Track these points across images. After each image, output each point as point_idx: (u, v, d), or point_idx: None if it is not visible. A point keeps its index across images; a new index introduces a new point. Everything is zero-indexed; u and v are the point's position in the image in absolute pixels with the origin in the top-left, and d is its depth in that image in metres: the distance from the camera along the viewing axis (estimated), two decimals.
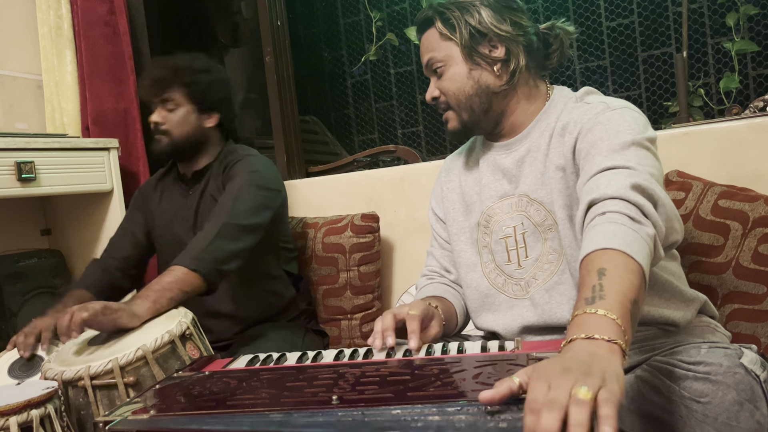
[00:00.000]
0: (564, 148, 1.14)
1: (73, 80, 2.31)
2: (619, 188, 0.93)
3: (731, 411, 0.87)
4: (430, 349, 0.98)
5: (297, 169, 2.41)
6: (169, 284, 1.37)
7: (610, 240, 0.85)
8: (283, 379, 0.89)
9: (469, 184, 1.30)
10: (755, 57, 2.20)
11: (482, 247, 1.25)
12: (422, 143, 2.81)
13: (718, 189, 1.43)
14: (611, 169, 0.98)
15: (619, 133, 1.04)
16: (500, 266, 1.23)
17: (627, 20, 2.39)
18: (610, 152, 1.01)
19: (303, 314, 1.84)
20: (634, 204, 0.91)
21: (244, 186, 1.61)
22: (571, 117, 1.15)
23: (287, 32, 2.42)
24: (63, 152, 2.02)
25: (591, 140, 1.07)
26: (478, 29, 1.18)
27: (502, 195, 1.23)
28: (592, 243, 0.87)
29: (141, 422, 0.78)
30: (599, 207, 0.93)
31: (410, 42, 2.67)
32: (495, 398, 0.66)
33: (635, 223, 0.89)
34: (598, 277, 0.80)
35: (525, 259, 1.19)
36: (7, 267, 2.15)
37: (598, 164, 1.00)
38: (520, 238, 1.19)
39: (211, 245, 1.46)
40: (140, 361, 1.17)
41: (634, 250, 0.83)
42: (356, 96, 2.97)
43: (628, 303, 0.77)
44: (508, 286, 1.22)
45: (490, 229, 1.24)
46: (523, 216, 1.19)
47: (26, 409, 1.02)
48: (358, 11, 2.88)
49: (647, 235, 0.88)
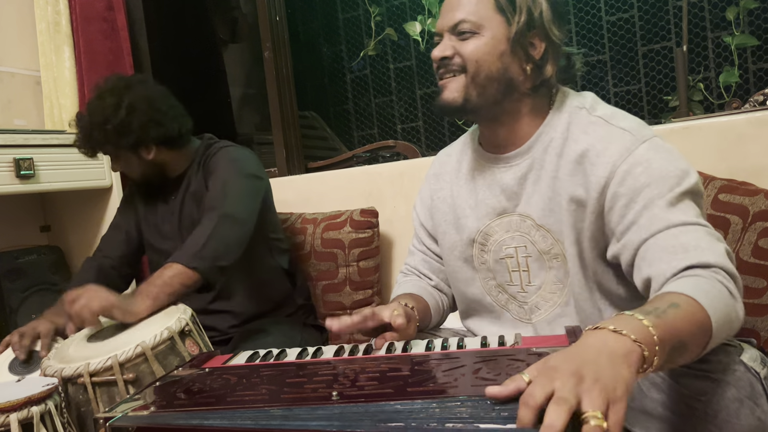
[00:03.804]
0: (586, 182, 1.04)
1: (72, 76, 2.31)
2: (718, 256, 0.88)
3: (731, 408, 0.87)
4: (430, 344, 0.98)
5: (296, 165, 2.41)
6: (170, 279, 1.38)
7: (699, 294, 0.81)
8: (283, 375, 0.89)
9: (462, 195, 1.21)
10: (755, 51, 2.20)
11: (479, 263, 1.20)
12: (422, 138, 2.81)
13: (718, 183, 1.43)
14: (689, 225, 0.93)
15: (667, 180, 0.97)
16: (502, 285, 1.18)
17: (627, 14, 2.38)
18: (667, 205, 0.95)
19: (301, 309, 1.84)
20: (731, 277, 0.87)
21: (229, 177, 1.60)
22: (589, 142, 1.05)
23: (286, 27, 2.42)
24: (62, 148, 2.02)
25: (634, 187, 0.98)
26: (535, 20, 1.07)
27: (500, 212, 1.15)
28: (682, 287, 0.83)
29: (141, 418, 0.78)
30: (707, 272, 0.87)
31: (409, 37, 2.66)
32: (502, 395, 0.65)
33: (732, 298, 0.86)
34: (667, 306, 0.77)
35: (528, 284, 1.14)
36: (6, 263, 2.15)
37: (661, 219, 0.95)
38: (523, 261, 1.13)
39: (209, 241, 1.45)
40: (139, 358, 1.18)
41: (716, 314, 0.80)
42: (355, 91, 2.96)
43: (677, 338, 0.75)
44: (512, 306, 1.18)
45: (488, 247, 1.17)
46: (526, 239, 1.12)
47: (27, 405, 1.02)
48: (356, 6, 2.87)
49: (737, 316, 0.85)
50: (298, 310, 1.83)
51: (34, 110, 2.36)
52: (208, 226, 1.48)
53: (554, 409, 0.59)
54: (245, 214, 1.56)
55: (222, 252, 1.47)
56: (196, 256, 1.42)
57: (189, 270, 1.40)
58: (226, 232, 1.49)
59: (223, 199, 1.54)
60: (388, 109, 2.88)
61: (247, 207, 1.58)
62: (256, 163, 1.71)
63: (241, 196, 1.57)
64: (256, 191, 1.65)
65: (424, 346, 0.97)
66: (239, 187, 1.59)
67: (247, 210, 1.57)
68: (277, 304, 1.78)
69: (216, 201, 1.54)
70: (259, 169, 1.72)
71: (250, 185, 1.63)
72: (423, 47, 2.59)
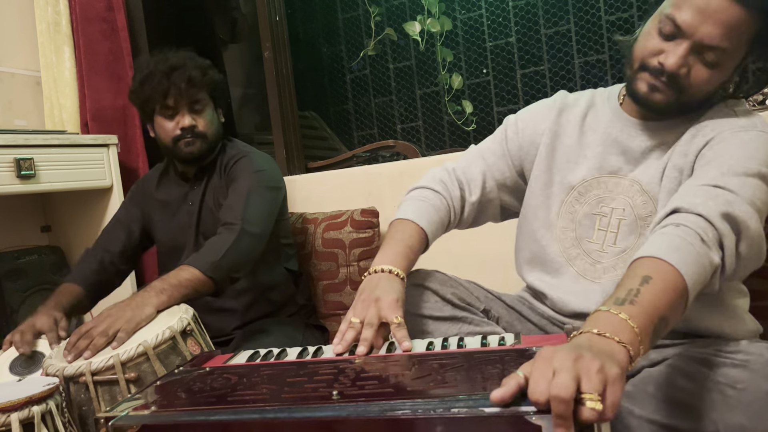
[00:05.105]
0: (689, 149, 1.05)
1: (72, 77, 2.31)
2: (709, 209, 0.88)
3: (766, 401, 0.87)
4: (430, 344, 0.98)
5: (296, 165, 2.41)
6: (186, 281, 1.40)
7: (671, 254, 0.82)
8: (283, 374, 0.89)
9: (582, 143, 1.18)
10: None
11: (567, 212, 1.17)
12: (421, 138, 2.81)
13: None
14: (717, 187, 0.92)
15: (751, 159, 0.96)
16: (579, 239, 1.15)
17: (626, 14, 2.39)
18: (729, 172, 0.94)
19: (302, 309, 1.84)
20: (716, 229, 0.87)
21: (252, 189, 1.62)
22: (710, 121, 1.05)
23: (286, 28, 2.42)
24: (62, 149, 2.02)
25: (719, 151, 0.99)
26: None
27: (613, 171, 1.13)
28: (652, 248, 0.85)
29: (142, 418, 0.78)
30: (680, 218, 0.89)
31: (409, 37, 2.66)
32: (506, 396, 0.65)
33: (705, 246, 0.85)
34: (640, 283, 0.79)
35: (612, 246, 1.12)
36: (7, 264, 2.15)
37: (710, 177, 0.94)
38: (615, 223, 1.12)
39: (227, 253, 1.47)
40: (141, 357, 1.18)
41: (689, 271, 0.81)
42: (355, 91, 2.96)
43: (656, 317, 0.76)
44: (581, 262, 1.15)
45: (585, 199, 1.15)
46: (628, 202, 1.11)
47: (27, 405, 1.02)
48: (356, 6, 2.88)
49: (710, 263, 0.85)
50: (299, 311, 1.83)
51: (34, 110, 2.37)
52: (228, 239, 1.50)
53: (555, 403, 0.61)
54: (263, 229, 1.59)
55: (238, 265, 1.51)
56: (214, 266, 1.44)
57: (205, 277, 1.42)
58: (246, 247, 1.52)
59: (244, 211, 1.56)
60: (388, 109, 2.88)
61: (266, 222, 1.62)
62: (277, 173, 1.75)
63: (262, 211, 1.61)
64: (276, 204, 1.69)
65: (424, 345, 0.98)
66: (261, 201, 1.62)
67: (265, 225, 1.61)
68: (280, 305, 1.79)
69: (237, 213, 1.56)
70: (280, 179, 1.76)
71: (271, 198, 1.67)
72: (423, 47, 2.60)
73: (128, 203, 1.84)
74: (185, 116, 1.64)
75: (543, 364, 0.65)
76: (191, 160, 1.69)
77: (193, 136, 1.64)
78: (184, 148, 1.65)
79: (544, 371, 0.64)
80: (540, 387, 0.62)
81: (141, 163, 2.32)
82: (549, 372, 0.63)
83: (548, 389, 0.62)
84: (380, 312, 0.99)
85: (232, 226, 1.53)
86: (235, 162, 1.69)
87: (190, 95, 1.63)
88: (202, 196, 1.71)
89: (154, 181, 1.82)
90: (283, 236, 1.82)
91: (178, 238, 1.73)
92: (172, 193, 1.77)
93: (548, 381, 0.62)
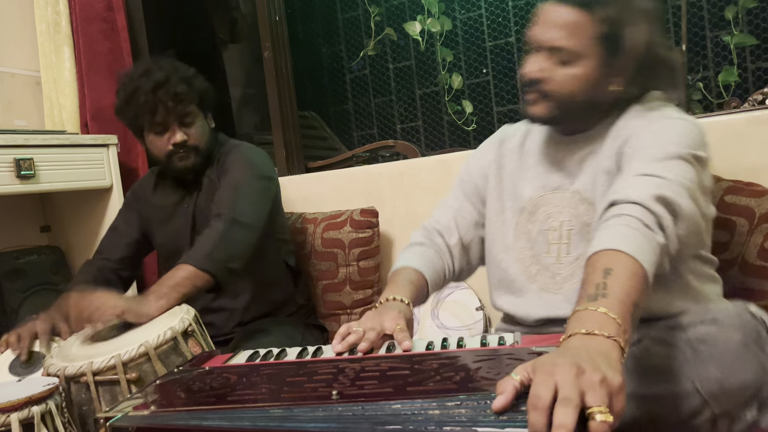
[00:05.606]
0: (612, 151, 1.12)
1: (72, 77, 2.31)
2: (643, 195, 0.92)
3: (737, 352, 0.91)
4: (430, 344, 0.98)
5: (296, 165, 2.41)
6: (182, 280, 1.39)
7: (621, 242, 0.85)
8: (283, 374, 0.89)
9: (523, 166, 1.27)
10: (754, 50, 2.20)
11: (522, 232, 1.23)
12: (421, 138, 2.81)
13: (725, 184, 1.42)
14: (645, 175, 0.97)
15: (665, 143, 1.02)
16: (536, 256, 1.21)
17: None
18: (650, 159, 1.00)
19: (302, 309, 1.84)
20: (652, 213, 0.90)
21: (243, 179, 1.60)
22: (626, 121, 1.13)
23: (285, 27, 2.42)
24: (62, 149, 2.02)
25: (637, 145, 1.05)
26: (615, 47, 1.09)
27: (555, 187, 1.21)
28: (602, 242, 0.87)
29: (142, 418, 0.78)
30: (618, 209, 0.93)
31: (409, 37, 2.67)
32: (507, 404, 0.64)
33: (648, 230, 0.89)
34: (603, 276, 0.81)
35: (566, 256, 1.18)
36: (6, 264, 2.15)
37: (635, 169, 0.99)
38: (565, 234, 1.18)
39: (220, 244, 1.46)
40: (142, 358, 1.18)
41: (642, 255, 0.84)
42: (355, 91, 2.96)
43: (630, 304, 0.78)
44: (540, 277, 1.20)
45: (536, 218, 1.22)
46: (572, 213, 1.17)
47: (27, 405, 1.02)
48: (356, 6, 2.88)
49: (657, 243, 0.88)
50: (299, 310, 1.83)
51: (34, 110, 2.37)
52: (219, 229, 1.49)
53: (562, 410, 0.60)
54: (255, 218, 1.57)
55: (233, 255, 1.48)
56: (207, 258, 1.43)
57: (201, 272, 1.41)
58: (237, 236, 1.50)
59: (234, 202, 1.55)
60: (388, 109, 2.88)
61: (257, 211, 1.59)
62: (268, 163, 1.73)
63: (252, 200, 1.59)
64: (268, 193, 1.67)
65: (424, 345, 0.98)
66: (251, 191, 1.60)
67: (257, 214, 1.58)
68: (280, 304, 1.79)
69: (227, 203, 1.55)
70: (272, 170, 1.74)
71: (262, 188, 1.65)
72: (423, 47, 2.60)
73: (125, 209, 1.83)
74: (176, 132, 1.61)
75: (545, 374, 0.64)
76: (186, 172, 1.68)
77: (186, 150, 1.63)
78: (178, 163, 1.64)
79: (547, 383, 0.63)
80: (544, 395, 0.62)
81: (141, 163, 2.32)
82: (551, 383, 0.63)
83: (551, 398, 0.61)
84: (383, 323, 1.02)
85: (222, 216, 1.52)
86: (227, 155, 1.69)
87: (178, 111, 1.60)
88: (196, 201, 1.71)
89: (150, 185, 1.81)
90: (280, 232, 1.81)
91: (177, 241, 1.72)
92: (169, 196, 1.76)
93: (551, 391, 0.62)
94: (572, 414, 0.60)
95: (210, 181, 1.70)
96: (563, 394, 0.62)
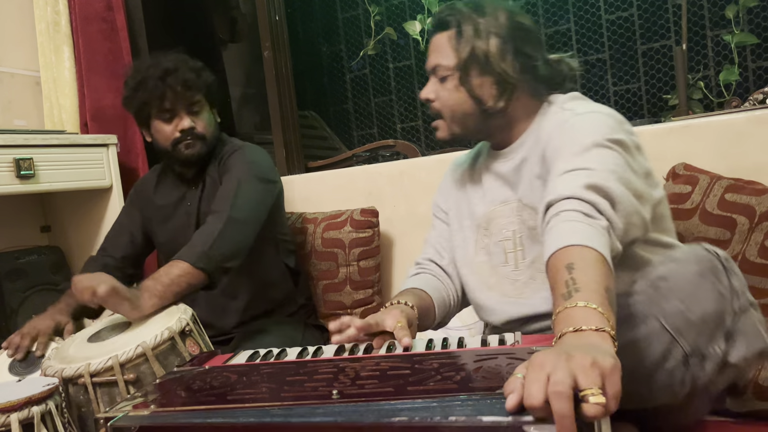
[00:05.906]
0: (537, 156, 1.18)
1: (71, 76, 2.31)
2: (573, 188, 0.95)
3: (694, 282, 0.96)
4: (430, 344, 0.98)
5: (296, 165, 2.41)
6: (177, 278, 1.38)
7: (570, 237, 0.88)
8: (283, 373, 0.89)
9: (475, 186, 1.34)
10: (755, 49, 2.20)
11: (480, 248, 1.29)
12: (421, 138, 2.81)
13: (725, 182, 1.42)
14: (570, 171, 1.00)
15: (581, 137, 1.06)
16: (495, 267, 1.26)
17: (626, 13, 2.38)
18: (570, 156, 1.04)
19: (302, 309, 1.84)
20: (588, 202, 0.93)
21: (243, 179, 1.60)
22: (544, 125, 1.20)
23: (285, 27, 2.42)
24: (62, 149, 2.02)
25: (556, 147, 1.10)
26: (480, 58, 1.19)
27: (503, 200, 1.26)
28: (553, 243, 0.89)
29: (142, 418, 0.78)
30: (555, 208, 0.95)
31: (409, 36, 2.66)
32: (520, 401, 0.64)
33: (589, 218, 0.91)
34: (568, 272, 0.82)
35: (522, 261, 1.22)
36: (7, 264, 2.15)
37: (558, 169, 1.03)
38: (518, 241, 1.23)
39: (216, 242, 1.46)
40: (140, 358, 1.18)
41: (594, 242, 0.86)
42: (355, 91, 2.96)
43: (603, 290, 0.79)
44: (500, 286, 1.25)
45: (490, 231, 1.27)
46: (519, 220, 1.23)
47: (27, 405, 1.02)
48: (356, 5, 2.88)
49: (602, 227, 0.90)
50: (299, 310, 1.83)
51: (34, 110, 2.36)
52: (215, 227, 1.49)
53: (555, 401, 0.60)
54: (251, 218, 1.57)
55: (229, 254, 1.48)
56: (203, 256, 1.43)
57: (196, 270, 1.41)
58: (233, 235, 1.50)
59: (233, 201, 1.55)
60: (388, 109, 2.88)
61: (255, 211, 1.59)
62: (270, 165, 1.73)
63: (251, 201, 1.59)
64: (267, 195, 1.67)
65: (424, 345, 0.97)
66: (250, 191, 1.60)
67: (254, 214, 1.59)
68: (280, 304, 1.79)
69: (226, 202, 1.55)
70: (273, 172, 1.74)
71: (262, 189, 1.65)
72: (423, 46, 2.60)
73: (128, 207, 1.84)
74: (184, 118, 1.62)
75: (536, 369, 0.64)
76: (191, 162, 1.68)
77: (193, 137, 1.64)
78: (185, 150, 1.64)
79: (538, 375, 0.63)
80: (535, 390, 0.62)
81: (141, 163, 2.32)
82: (543, 375, 0.63)
83: (544, 391, 0.61)
84: (385, 320, 1.04)
85: (220, 213, 1.52)
86: (229, 156, 1.69)
87: (187, 98, 1.62)
88: (200, 197, 1.71)
89: (152, 183, 1.81)
90: (280, 232, 1.81)
91: (178, 240, 1.72)
92: (171, 195, 1.76)
93: (543, 384, 0.62)
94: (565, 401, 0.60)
95: (212, 180, 1.70)
96: (554, 378, 0.62)
